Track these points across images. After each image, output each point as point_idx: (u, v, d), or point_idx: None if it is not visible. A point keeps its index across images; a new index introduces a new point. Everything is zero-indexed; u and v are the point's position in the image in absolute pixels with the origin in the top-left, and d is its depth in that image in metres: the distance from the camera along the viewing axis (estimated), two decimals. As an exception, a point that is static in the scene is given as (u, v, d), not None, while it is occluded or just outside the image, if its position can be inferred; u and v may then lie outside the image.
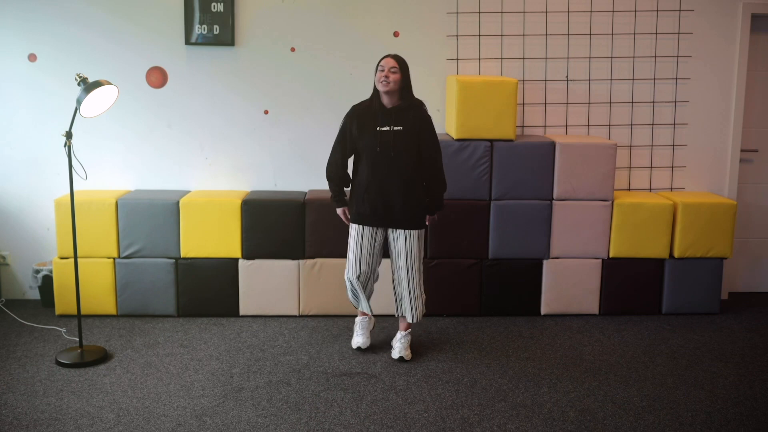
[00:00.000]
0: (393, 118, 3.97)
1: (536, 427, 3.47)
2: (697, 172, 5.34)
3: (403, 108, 3.99)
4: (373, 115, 3.99)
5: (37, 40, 4.97)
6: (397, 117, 3.97)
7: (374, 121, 3.98)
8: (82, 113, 4.03)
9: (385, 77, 3.91)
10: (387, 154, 3.95)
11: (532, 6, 5.09)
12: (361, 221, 4.08)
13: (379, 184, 3.99)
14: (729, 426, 3.51)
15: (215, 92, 5.09)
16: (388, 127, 3.95)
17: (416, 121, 3.99)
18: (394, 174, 3.97)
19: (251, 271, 4.85)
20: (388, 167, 3.96)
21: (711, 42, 5.20)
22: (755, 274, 5.60)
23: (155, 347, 4.35)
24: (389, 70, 3.91)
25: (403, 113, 3.98)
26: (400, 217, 4.03)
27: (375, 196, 4.01)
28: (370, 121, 3.98)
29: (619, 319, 4.95)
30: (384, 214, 4.04)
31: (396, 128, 3.95)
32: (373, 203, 4.02)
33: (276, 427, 3.43)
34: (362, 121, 4.00)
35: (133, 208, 4.78)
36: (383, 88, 3.93)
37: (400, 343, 4.22)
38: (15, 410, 3.55)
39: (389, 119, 3.97)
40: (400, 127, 3.95)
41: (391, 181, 3.98)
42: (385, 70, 3.92)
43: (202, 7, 4.94)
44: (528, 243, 4.89)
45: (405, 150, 3.97)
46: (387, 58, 3.97)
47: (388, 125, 3.95)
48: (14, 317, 4.79)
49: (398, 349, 4.19)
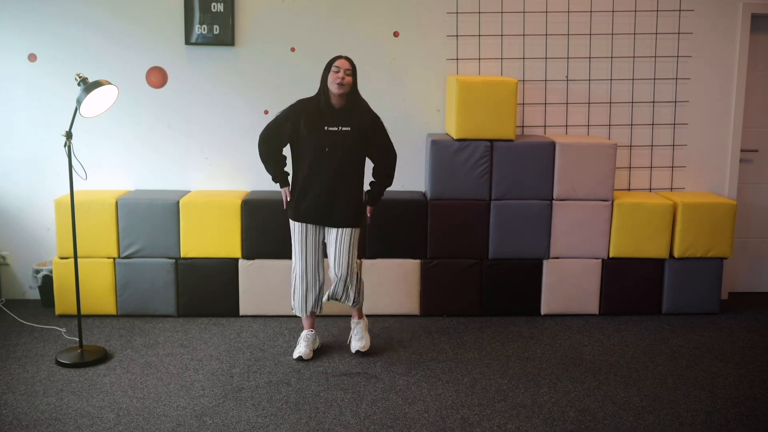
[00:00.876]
0: (341, 118, 3.98)
1: (536, 427, 3.47)
2: (697, 172, 5.34)
3: (351, 108, 4.00)
4: (321, 115, 3.99)
5: (37, 40, 4.97)
6: (345, 117, 3.99)
7: (322, 120, 3.98)
8: (82, 113, 4.03)
9: (341, 79, 3.91)
10: (335, 155, 3.96)
11: (532, 6, 5.09)
12: (304, 219, 4.09)
13: (323, 183, 4.00)
14: (729, 426, 3.51)
15: (215, 92, 5.09)
16: (336, 127, 3.96)
17: (364, 121, 4.02)
18: (339, 174, 3.99)
19: (251, 271, 4.85)
20: (334, 167, 3.98)
21: (711, 42, 5.20)
22: (755, 274, 5.60)
23: (155, 347, 4.35)
24: (345, 72, 3.92)
25: (351, 114, 4.00)
26: (339, 216, 4.05)
27: (318, 195, 4.02)
28: (318, 120, 3.98)
29: (619, 319, 4.95)
30: (324, 212, 4.05)
31: (344, 128, 3.97)
32: (316, 202, 4.03)
33: (276, 427, 3.43)
34: (310, 120, 3.99)
35: (133, 208, 4.78)
36: (338, 90, 3.92)
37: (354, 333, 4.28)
38: (15, 410, 3.55)
39: (337, 119, 3.98)
40: (348, 128, 3.97)
41: (336, 181, 4.00)
42: (340, 72, 3.91)
43: (202, 7, 4.94)
44: (528, 243, 4.89)
45: (352, 151, 3.99)
46: (341, 59, 3.97)
47: (337, 125, 3.97)
48: (14, 317, 4.79)
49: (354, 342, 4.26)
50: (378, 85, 5.02)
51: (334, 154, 3.96)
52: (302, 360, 4.16)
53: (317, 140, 3.97)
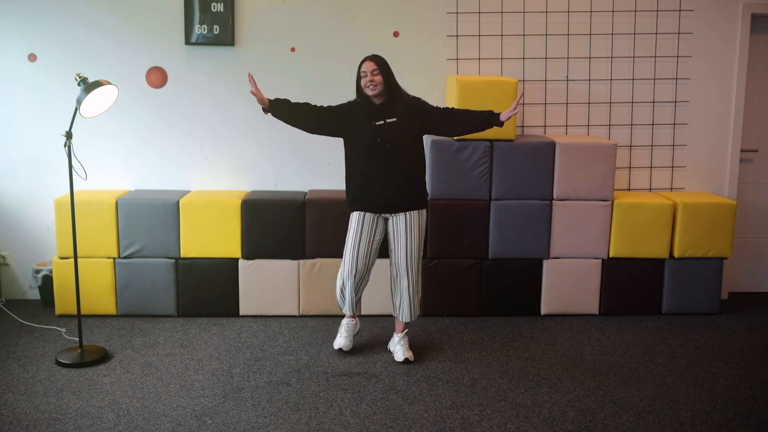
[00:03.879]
0: (385, 111, 4.03)
1: (536, 427, 3.47)
2: (697, 172, 5.34)
3: (391, 100, 4.04)
4: (366, 113, 4.04)
5: (37, 40, 4.97)
6: (388, 110, 4.03)
7: (368, 117, 4.03)
8: (82, 113, 4.03)
9: (370, 81, 3.96)
10: (384, 147, 4.00)
11: (532, 6, 5.09)
12: (362, 208, 4.11)
13: (382, 174, 4.03)
14: (729, 426, 3.51)
15: (215, 92, 5.09)
16: (382, 120, 4.01)
17: (406, 108, 4.04)
18: (393, 165, 4.02)
19: (251, 271, 4.85)
20: (390, 158, 4.02)
21: (711, 42, 5.20)
22: (755, 274, 5.60)
23: (155, 347, 4.35)
24: (372, 74, 3.96)
25: (393, 105, 4.03)
26: (400, 202, 4.08)
27: (375, 186, 4.05)
28: (364, 118, 4.03)
29: (619, 319, 4.95)
30: (384, 202, 4.07)
31: (389, 120, 4.01)
32: (373, 193, 4.06)
33: (276, 427, 3.43)
34: (356, 119, 4.05)
35: (133, 208, 4.78)
36: (372, 92, 3.98)
37: (401, 345, 4.21)
38: (15, 410, 3.55)
39: (382, 113, 4.02)
40: (394, 119, 4.01)
41: (395, 170, 4.03)
42: (368, 75, 3.96)
43: (202, 7, 4.94)
44: (528, 243, 4.89)
45: (402, 140, 4.03)
46: (366, 61, 4.00)
47: (382, 119, 4.02)
48: (14, 317, 4.79)
49: (401, 352, 4.18)
50: (378, 85, 5.02)
51: (384, 145, 3.99)
52: (342, 351, 4.21)
53: (367, 135, 4.01)
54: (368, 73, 3.96)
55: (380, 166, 4.03)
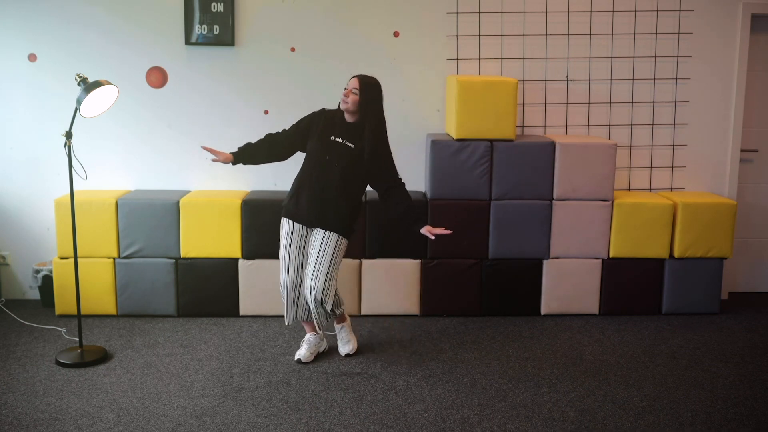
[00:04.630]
0: (349, 133, 4.02)
1: (536, 427, 3.47)
2: (697, 172, 5.34)
3: (360, 126, 4.02)
4: (333, 125, 4.05)
5: (37, 40, 4.97)
6: (352, 133, 4.02)
7: (331, 130, 4.03)
8: (82, 113, 4.03)
9: (345, 96, 3.97)
10: (332, 165, 3.98)
11: (532, 6, 5.09)
12: (293, 217, 4.08)
13: (318, 188, 4.00)
14: (729, 426, 3.51)
15: (215, 92, 5.09)
16: (341, 139, 4.01)
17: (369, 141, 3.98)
18: (336, 185, 3.99)
19: (251, 271, 4.85)
20: (332, 177, 3.98)
21: (711, 42, 5.20)
22: (755, 274, 5.60)
23: (155, 347, 4.35)
24: (351, 90, 3.96)
25: (359, 131, 4.02)
26: (329, 220, 4.02)
27: (311, 198, 4.01)
28: (327, 129, 4.04)
29: (619, 319, 4.95)
30: (315, 215, 4.03)
31: (348, 143, 4.01)
32: (308, 203, 4.02)
33: (276, 427, 3.43)
34: (321, 127, 4.05)
35: (133, 208, 4.78)
36: (342, 106, 4.02)
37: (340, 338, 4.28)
38: (15, 410, 3.55)
39: (344, 133, 4.02)
40: (352, 145, 4.01)
41: (332, 189, 3.99)
42: (347, 89, 3.98)
43: (202, 7, 4.94)
44: (528, 243, 4.89)
45: (351, 167, 4.00)
46: (354, 78, 4.01)
47: (342, 138, 4.01)
48: (14, 317, 4.79)
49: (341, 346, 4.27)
50: (378, 85, 5.02)
51: (332, 165, 3.98)
52: (301, 362, 4.16)
53: (320, 148, 4.01)
54: (348, 89, 3.97)
55: (319, 180, 4.00)
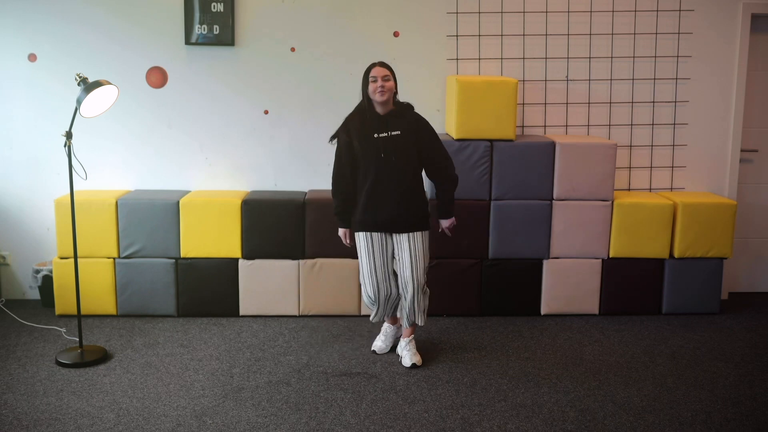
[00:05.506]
0: (389, 123, 3.95)
1: (536, 427, 3.47)
2: (697, 172, 5.34)
3: (396, 113, 3.98)
4: (368, 124, 3.96)
5: (37, 40, 4.97)
6: (392, 122, 3.96)
7: (371, 128, 3.95)
8: (82, 113, 4.03)
9: (380, 87, 3.87)
10: (389, 159, 3.93)
11: (532, 6, 5.09)
12: (369, 228, 4.02)
13: (382, 189, 3.96)
14: (729, 426, 3.51)
15: (215, 92, 5.09)
16: (386, 132, 3.94)
17: (411, 124, 3.99)
18: (396, 179, 3.95)
19: (251, 271, 4.85)
20: (390, 172, 3.94)
21: (711, 42, 5.20)
22: (755, 274, 5.60)
23: (155, 347, 4.35)
24: (383, 79, 3.88)
25: (398, 118, 3.97)
26: (404, 221, 4.01)
27: (379, 201, 3.97)
28: (366, 130, 3.95)
29: (619, 319, 4.95)
30: (393, 219, 4.00)
31: (394, 133, 3.94)
32: (382, 211, 3.98)
33: (276, 427, 3.43)
34: (359, 131, 3.96)
35: (133, 208, 4.78)
36: (381, 98, 3.89)
37: (407, 350, 4.15)
38: (15, 410, 3.55)
39: (385, 125, 3.95)
40: (398, 132, 3.95)
41: (394, 186, 3.96)
42: (378, 80, 3.88)
43: (202, 7, 4.94)
44: (528, 243, 4.89)
45: (405, 154, 3.96)
46: (376, 67, 3.92)
47: (386, 131, 3.95)
48: (14, 317, 4.79)
49: (408, 357, 4.13)
50: (378, 85, 5.02)
51: (389, 160, 3.92)
52: (375, 354, 4.23)
53: (370, 150, 3.93)
54: (379, 79, 3.87)
55: (383, 181, 3.95)
